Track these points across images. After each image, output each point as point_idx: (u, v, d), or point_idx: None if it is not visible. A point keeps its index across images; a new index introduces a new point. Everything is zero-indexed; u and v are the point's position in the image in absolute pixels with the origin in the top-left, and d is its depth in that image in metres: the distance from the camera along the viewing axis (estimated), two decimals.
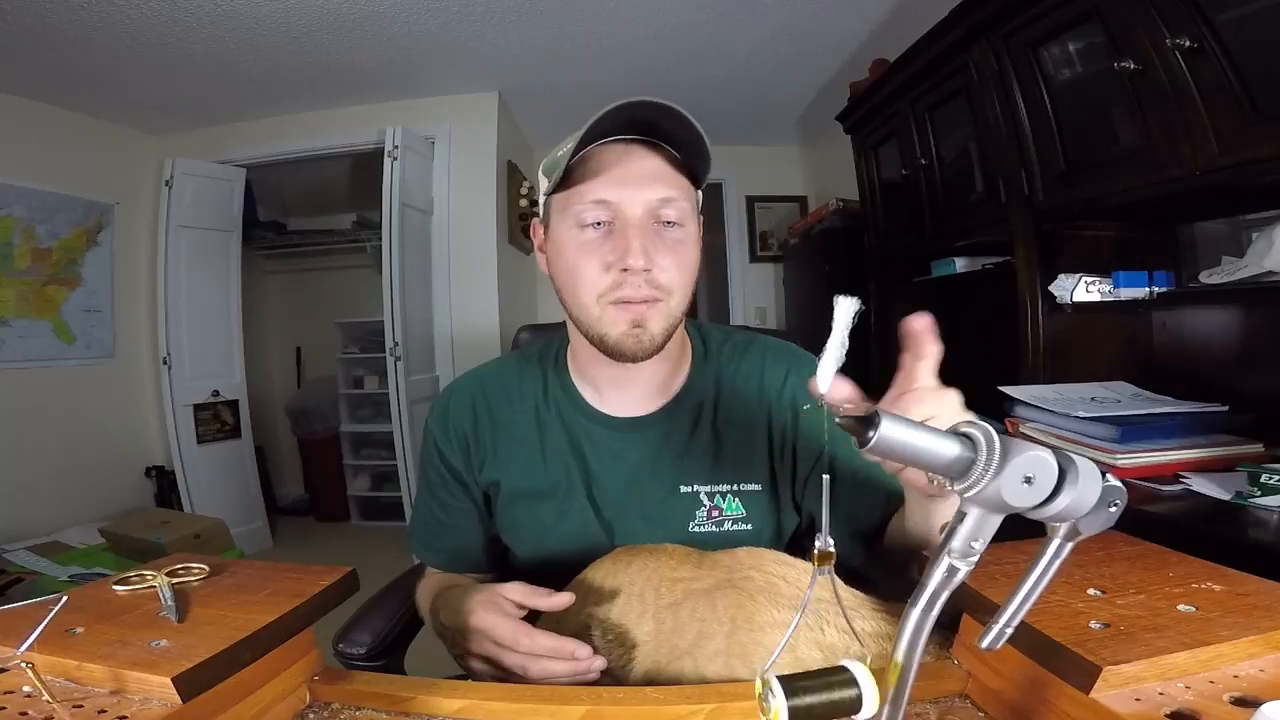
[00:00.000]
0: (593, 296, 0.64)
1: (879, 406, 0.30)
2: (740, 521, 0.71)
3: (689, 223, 0.66)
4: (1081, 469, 0.27)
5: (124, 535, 2.34)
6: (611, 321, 0.64)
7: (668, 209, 0.64)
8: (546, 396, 0.75)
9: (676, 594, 0.55)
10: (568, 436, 0.73)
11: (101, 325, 2.91)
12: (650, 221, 0.64)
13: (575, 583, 0.63)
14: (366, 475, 3.74)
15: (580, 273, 0.64)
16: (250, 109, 2.92)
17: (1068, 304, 1.39)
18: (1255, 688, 0.35)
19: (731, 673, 0.49)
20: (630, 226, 0.62)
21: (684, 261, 0.65)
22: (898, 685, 0.32)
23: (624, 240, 0.62)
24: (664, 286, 0.64)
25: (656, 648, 0.54)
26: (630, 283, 0.63)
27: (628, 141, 0.64)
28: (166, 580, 0.50)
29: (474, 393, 0.77)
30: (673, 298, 0.65)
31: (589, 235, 0.64)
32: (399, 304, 2.72)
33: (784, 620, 0.49)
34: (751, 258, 3.77)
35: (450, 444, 0.76)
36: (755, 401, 0.73)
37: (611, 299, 0.64)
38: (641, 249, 0.61)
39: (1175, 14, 1.07)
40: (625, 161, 0.63)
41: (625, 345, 0.64)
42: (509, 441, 0.74)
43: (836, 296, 0.31)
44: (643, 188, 0.63)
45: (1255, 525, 0.87)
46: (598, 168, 0.63)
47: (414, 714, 0.47)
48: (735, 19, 2.30)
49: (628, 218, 0.63)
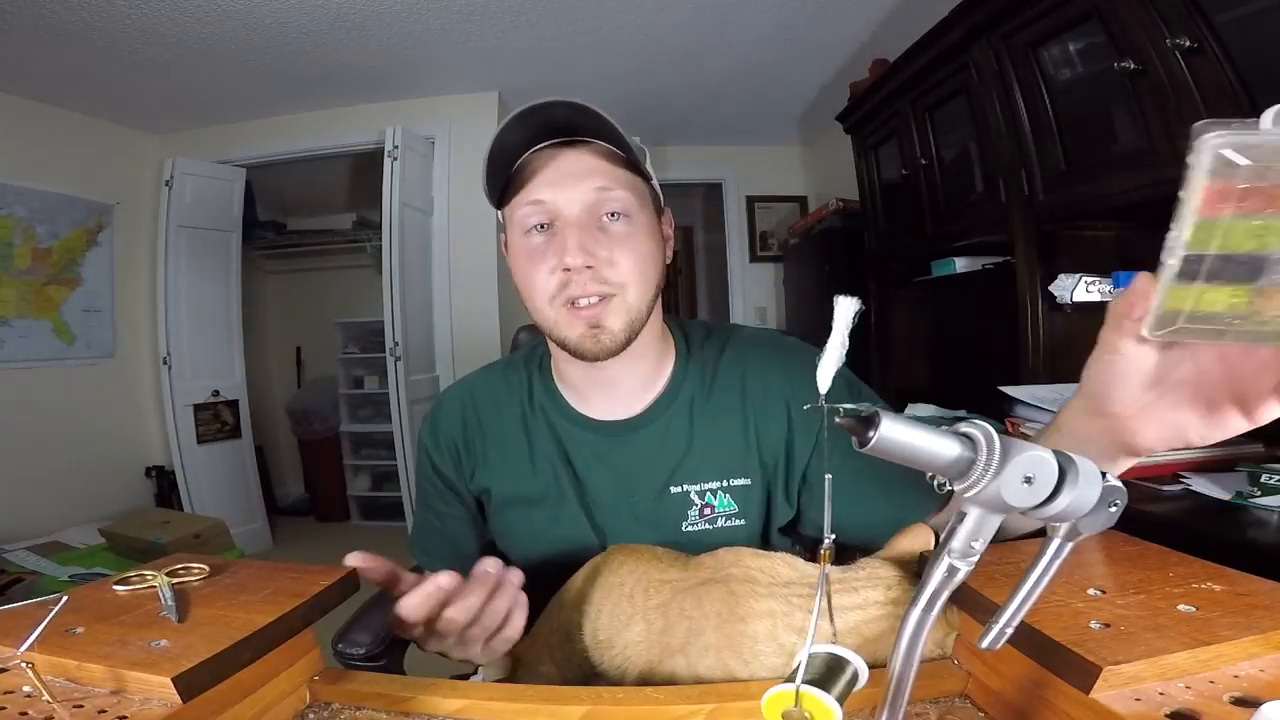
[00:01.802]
0: (545, 300, 0.64)
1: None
2: (734, 517, 0.70)
3: (638, 214, 0.65)
4: (1081, 469, 0.27)
5: (124, 535, 2.34)
6: (568, 324, 0.64)
7: (607, 202, 0.63)
8: (532, 402, 0.75)
9: (665, 594, 0.56)
10: (555, 442, 0.73)
11: (101, 325, 2.91)
12: (591, 218, 0.63)
13: (565, 587, 0.63)
14: (366, 475, 3.74)
15: (529, 278, 0.65)
16: (250, 109, 2.93)
17: (1068, 304, 1.39)
18: (1255, 688, 0.35)
19: (724, 665, 0.50)
20: (568, 225, 0.62)
21: (634, 252, 0.64)
22: (898, 685, 0.32)
23: (560, 240, 0.62)
24: (613, 282, 0.63)
25: (649, 648, 0.54)
26: (575, 281, 0.62)
27: (560, 144, 0.64)
28: (166, 580, 0.50)
29: (463, 401, 0.77)
30: (628, 291, 0.64)
31: (534, 240, 0.64)
32: (399, 304, 2.72)
33: (765, 609, 0.50)
34: (751, 258, 3.77)
35: (441, 453, 0.76)
36: (739, 394, 0.72)
37: (561, 300, 0.63)
38: (578, 245, 0.61)
39: (1175, 14, 1.07)
40: (556, 161, 0.63)
41: (585, 347, 0.64)
42: (498, 449, 0.74)
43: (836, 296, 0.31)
44: (578, 182, 0.62)
45: (1255, 525, 0.87)
46: (531, 171, 0.63)
47: (414, 714, 0.47)
48: (735, 19, 2.30)
49: (566, 217, 0.62)
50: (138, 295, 3.06)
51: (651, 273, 0.66)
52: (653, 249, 0.67)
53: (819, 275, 2.82)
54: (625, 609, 0.57)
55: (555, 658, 0.61)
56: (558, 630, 0.60)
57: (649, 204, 0.68)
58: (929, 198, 1.93)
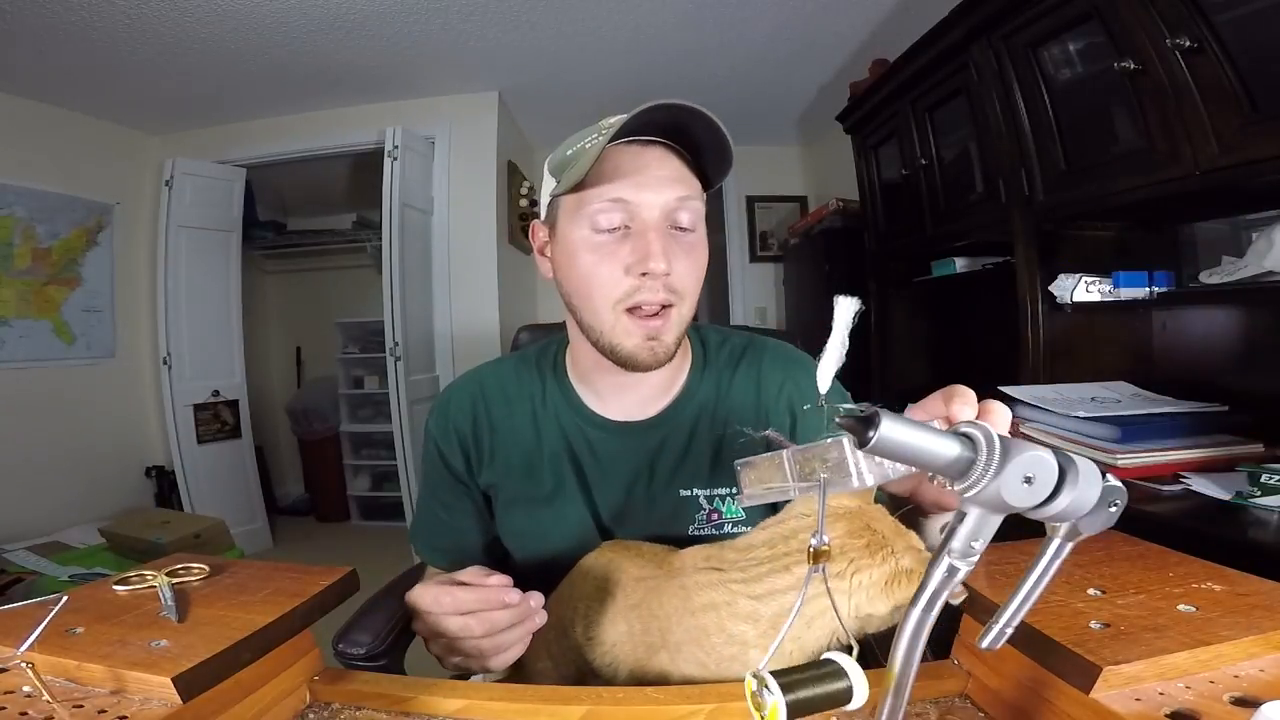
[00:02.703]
0: (608, 302, 0.63)
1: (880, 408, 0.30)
2: (740, 524, 0.70)
3: (700, 227, 0.66)
4: (1081, 469, 0.27)
5: (124, 535, 2.34)
6: (626, 332, 0.63)
7: (682, 212, 0.63)
8: (545, 400, 0.75)
9: (639, 593, 0.57)
10: (565, 440, 0.73)
11: (101, 325, 2.91)
12: (666, 225, 0.63)
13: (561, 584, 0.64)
14: (366, 475, 3.74)
15: (596, 278, 0.63)
16: (250, 109, 2.92)
17: (1068, 304, 1.39)
18: (1255, 688, 0.35)
19: (696, 660, 0.51)
20: (649, 229, 0.61)
21: (697, 265, 0.65)
22: (897, 685, 0.32)
23: (644, 243, 0.61)
24: (679, 291, 0.63)
25: (634, 646, 0.55)
26: (649, 287, 0.61)
27: (644, 143, 0.63)
28: (166, 580, 0.50)
29: (473, 395, 0.77)
30: (684, 303, 0.64)
31: (604, 238, 0.62)
32: (399, 304, 2.72)
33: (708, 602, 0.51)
34: (751, 258, 3.77)
35: (451, 445, 0.76)
36: (753, 404, 0.73)
37: (627, 305, 0.62)
38: (662, 251, 0.60)
39: (1175, 14, 1.07)
40: (643, 162, 0.62)
41: (640, 357, 0.63)
42: (507, 445, 0.74)
43: (836, 296, 0.31)
44: (661, 189, 0.62)
45: (1255, 525, 0.87)
46: (614, 168, 0.61)
47: (414, 714, 0.47)
48: (735, 18, 2.30)
49: (645, 220, 0.61)
50: (138, 295, 3.05)
51: (700, 287, 0.67)
52: (705, 263, 0.67)
53: (819, 275, 2.82)
54: (608, 607, 0.58)
55: (552, 653, 0.61)
56: (554, 626, 0.60)
57: (703, 217, 0.68)
58: (929, 198, 1.92)
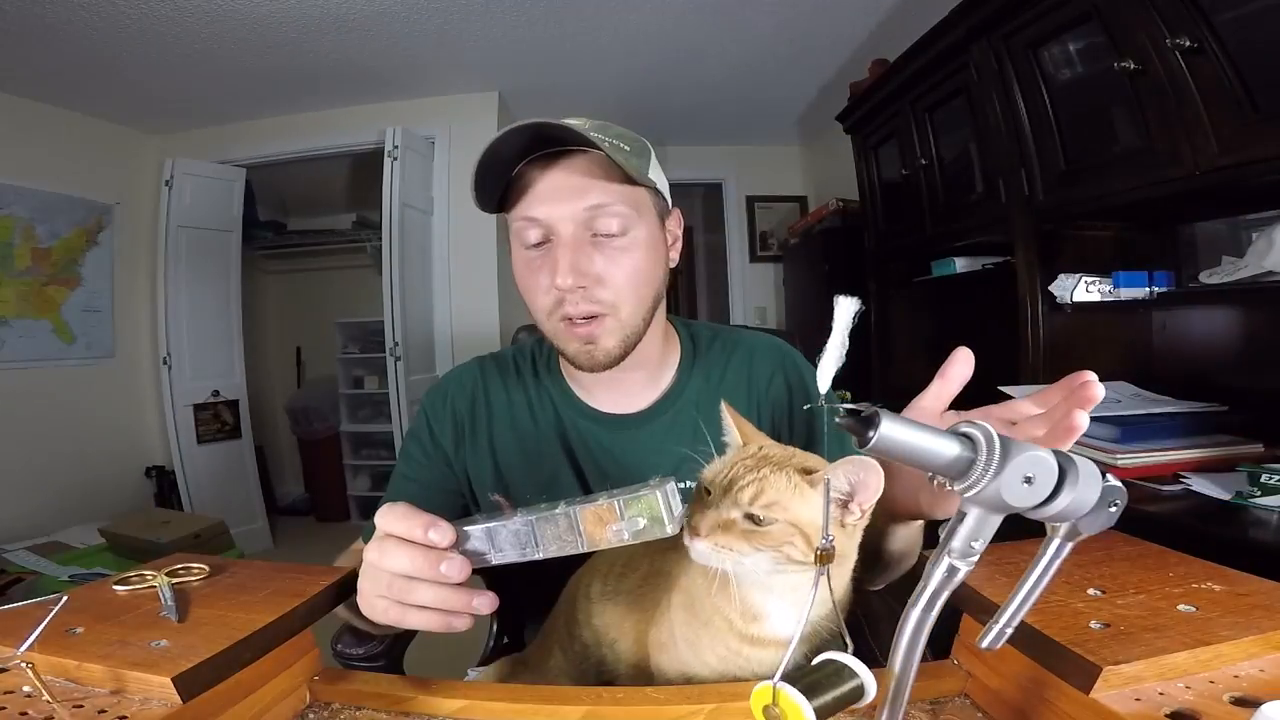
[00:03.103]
0: (543, 314, 0.65)
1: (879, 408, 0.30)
2: None
3: (636, 226, 0.64)
4: (1081, 469, 0.27)
5: (124, 535, 2.34)
6: (565, 338, 0.65)
7: (603, 219, 0.62)
8: (540, 392, 0.76)
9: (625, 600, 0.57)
10: (560, 432, 0.74)
11: (101, 325, 2.91)
12: (584, 235, 0.63)
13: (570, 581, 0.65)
14: (366, 475, 3.74)
15: (529, 292, 0.66)
16: (250, 109, 2.93)
17: (1068, 304, 1.39)
18: (1255, 688, 0.35)
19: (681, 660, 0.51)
20: (561, 244, 0.62)
21: (628, 271, 0.64)
22: (897, 685, 0.32)
23: (553, 259, 0.62)
24: (604, 301, 0.63)
25: (633, 643, 0.56)
26: (569, 300, 0.63)
27: (551, 155, 0.62)
28: (166, 580, 0.50)
29: (475, 379, 0.77)
30: (620, 311, 0.64)
31: (532, 254, 0.65)
32: (399, 304, 2.72)
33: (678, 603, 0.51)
34: (751, 258, 3.77)
35: (443, 423, 0.76)
36: (744, 399, 0.73)
37: (558, 316, 0.64)
38: (570, 267, 0.61)
39: (1175, 14, 1.07)
40: (549, 175, 0.62)
41: (581, 360, 0.66)
42: (504, 437, 0.75)
43: (836, 296, 0.31)
44: (571, 200, 0.62)
45: (1255, 525, 0.87)
46: (526, 184, 0.63)
47: (414, 714, 0.47)
48: (735, 18, 2.30)
49: (560, 235, 0.62)
50: (138, 295, 3.05)
51: (646, 289, 0.66)
52: (649, 263, 0.66)
53: (819, 275, 2.82)
54: (608, 607, 0.58)
55: (563, 646, 0.62)
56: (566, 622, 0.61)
57: (649, 210, 0.67)
58: (929, 198, 1.93)
